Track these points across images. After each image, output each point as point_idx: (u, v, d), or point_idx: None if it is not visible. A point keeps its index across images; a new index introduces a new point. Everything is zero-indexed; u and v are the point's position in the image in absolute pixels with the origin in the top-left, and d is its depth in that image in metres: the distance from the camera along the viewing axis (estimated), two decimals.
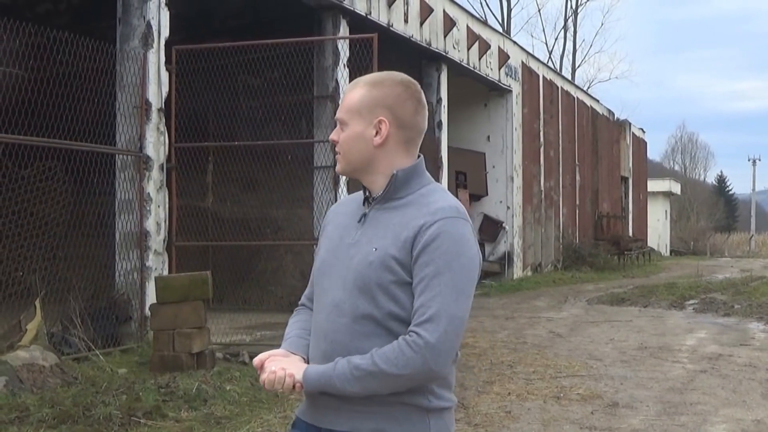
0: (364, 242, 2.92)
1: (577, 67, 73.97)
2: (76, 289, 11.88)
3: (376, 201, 2.98)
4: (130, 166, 12.74)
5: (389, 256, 2.84)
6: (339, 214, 3.12)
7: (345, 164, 3.03)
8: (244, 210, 18.99)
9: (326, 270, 2.99)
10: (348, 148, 2.99)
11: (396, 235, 2.87)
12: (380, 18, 18.75)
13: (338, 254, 2.97)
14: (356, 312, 2.86)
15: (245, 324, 14.70)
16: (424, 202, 2.93)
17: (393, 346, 2.78)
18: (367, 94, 2.98)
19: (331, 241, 3.04)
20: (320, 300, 2.99)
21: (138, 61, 12.78)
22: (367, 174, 3.01)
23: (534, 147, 31.11)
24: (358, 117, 2.97)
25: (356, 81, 3.05)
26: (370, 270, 2.85)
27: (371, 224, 2.95)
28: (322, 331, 2.92)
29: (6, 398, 8.57)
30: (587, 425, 8.50)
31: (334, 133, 3.03)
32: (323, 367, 2.83)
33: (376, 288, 2.84)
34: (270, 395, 9.44)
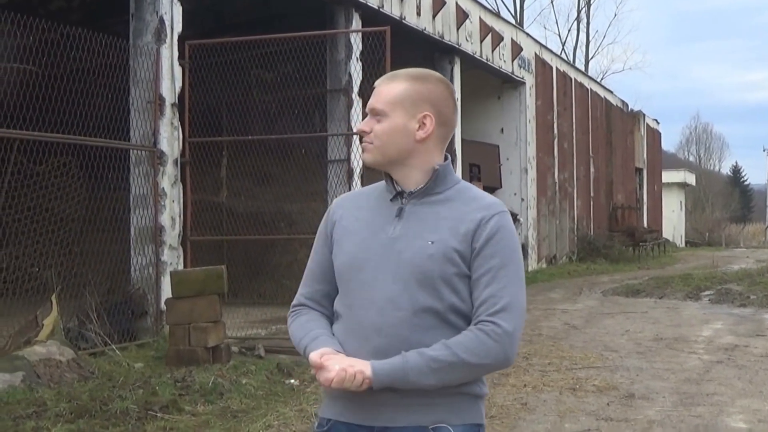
0: (411, 236, 2.88)
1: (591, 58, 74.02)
2: (92, 284, 11.92)
3: (413, 195, 2.95)
4: (144, 161, 12.78)
5: (451, 249, 2.84)
6: (354, 208, 3.06)
7: (378, 155, 2.98)
8: (259, 204, 19.00)
9: (363, 265, 2.91)
10: (387, 139, 2.95)
11: (453, 227, 2.87)
12: (393, 11, 18.74)
13: (376, 249, 2.91)
14: (416, 305, 2.82)
15: (260, 318, 14.72)
16: (468, 197, 2.98)
17: (470, 336, 2.80)
18: (411, 88, 2.96)
19: (358, 235, 2.97)
20: (359, 295, 2.91)
21: (151, 57, 12.81)
22: (402, 167, 2.98)
23: (548, 139, 31.06)
24: (400, 109, 2.94)
25: (394, 74, 3.02)
26: (431, 263, 2.83)
27: (412, 218, 2.92)
28: (374, 327, 2.84)
29: (23, 393, 8.62)
30: (603, 416, 8.49)
31: (365, 124, 2.99)
32: (392, 362, 2.77)
33: (438, 280, 2.83)
34: (285, 388, 9.47)
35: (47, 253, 12.86)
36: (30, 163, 12.86)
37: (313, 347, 2.88)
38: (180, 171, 13.18)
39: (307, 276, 3.14)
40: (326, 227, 3.09)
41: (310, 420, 8.04)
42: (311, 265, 3.13)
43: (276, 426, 7.83)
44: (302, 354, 2.96)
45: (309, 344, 2.91)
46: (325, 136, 16.86)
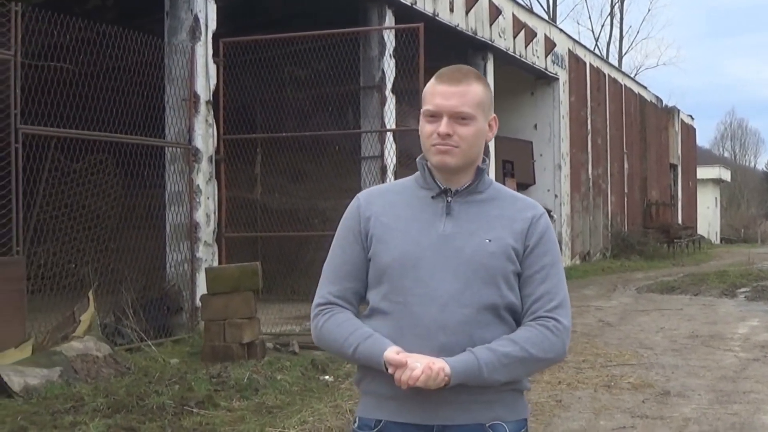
0: (465, 234, 2.89)
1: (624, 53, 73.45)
2: (128, 281, 12.01)
3: (459, 194, 2.96)
4: (179, 158, 12.86)
5: (509, 247, 2.89)
6: (387, 205, 3.01)
7: (462, 159, 2.94)
8: (292, 201, 19.05)
9: (416, 261, 2.87)
10: (472, 142, 2.93)
11: (507, 226, 2.92)
12: (426, 7, 18.73)
13: (429, 245, 2.88)
14: (480, 302, 2.84)
15: (294, 314, 14.76)
16: (510, 196, 3.04)
17: (535, 332, 2.86)
18: (487, 90, 3.00)
19: (405, 232, 2.93)
20: (415, 292, 2.86)
21: (186, 54, 12.88)
22: (468, 168, 2.99)
23: (581, 135, 30.93)
24: (482, 112, 2.95)
25: (464, 74, 2.98)
26: (493, 260, 2.86)
27: (462, 216, 2.93)
28: (437, 324, 2.81)
29: (61, 388, 8.70)
30: (639, 414, 8.46)
31: (448, 127, 2.90)
32: (465, 359, 2.76)
33: (500, 278, 2.86)
34: (320, 384, 9.50)
35: (84, 249, 12.96)
36: (67, 161, 12.97)
37: (372, 346, 2.83)
38: (215, 168, 13.25)
39: (333, 273, 3.06)
40: (358, 223, 3.01)
41: (344, 416, 8.06)
42: (338, 262, 3.05)
43: (311, 422, 7.85)
44: (347, 354, 2.91)
45: (362, 342, 2.86)
46: (359, 133, 16.88)
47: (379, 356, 2.80)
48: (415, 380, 2.70)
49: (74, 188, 13.83)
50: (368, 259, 2.99)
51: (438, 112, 2.92)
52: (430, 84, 2.99)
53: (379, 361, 2.80)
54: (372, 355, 2.82)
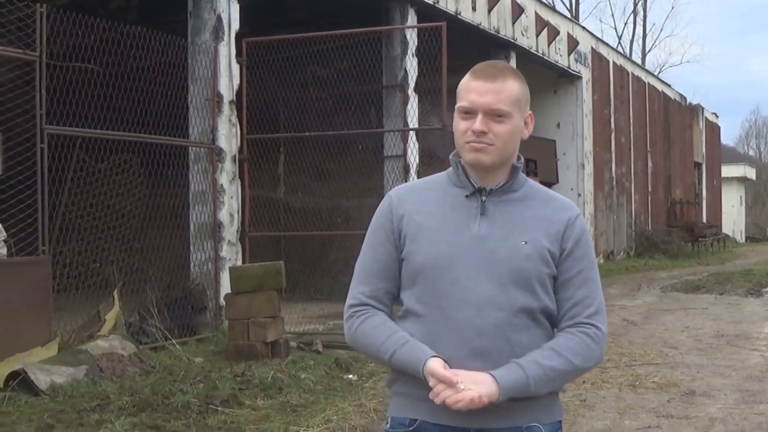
0: (501, 235, 2.83)
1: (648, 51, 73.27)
2: (152, 280, 12.06)
3: (493, 193, 2.88)
4: (203, 157, 12.90)
5: (544, 249, 2.83)
6: (420, 203, 2.94)
7: (497, 157, 2.85)
8: (315, 200, 19.09)
9: (451, 263, 2.80)
10: (507, 140, 2.85)
11: (543, 228, 2.86)
12: (448, 6, 18.71)
13: (463, 247, 2.81)
14: (515, 306, 2.77)
15: (318, 313, 14.78)
16: (545, 196, 2.98)
17: (577, 341, 2.83)
18: (523, 87, 2.92)
19: (439, 232, 2.85)
20: (451, 295, 2.79)
21: (209, 54, 12.93)
22: (503, 167, 2.91)
23: (605, 133, 30.83)
24: (518, 110, 2.87)
25: (498, 69, 2.90)
26: (528, 263, 2.80)
27: (498, 217, 2.86)
28: (473, 328, 2.75)
29: (87, 386, 8.75)
30: (664, 414, 8.43)
31: (483, 124, 2.81)
32: (515, 376, 2.71)
33: (535, 281, 2.81)
34: (344, 383, 9.52)
35: (109, 249, 13.04)
36: (92, 161, 13.05)
37: (410, 353, 2.77)
38: (238, 167, 13.29)
39: (365, 273, 2.98)
40: (390, 222, 2.94)
41: (368, 415, 8.08)
42: (370, 261, 2.98)
43: (335, 420, 7.87)
44: (383, 359, 2.85)
45: (399, 348, 2.79)
46: (382, 132, 16.89)
47: (418, 364, 2.73)
48: (456, 404, 2.64)
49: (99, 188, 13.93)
50: (401, 258, 2.92)
51: (473, 109, 2.84)
52: (465, 80, 2.90)
53: (417, 369, 2.73)
54: (409, 361, 2.76)
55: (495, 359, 2.74)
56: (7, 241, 10.21)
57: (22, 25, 10.07)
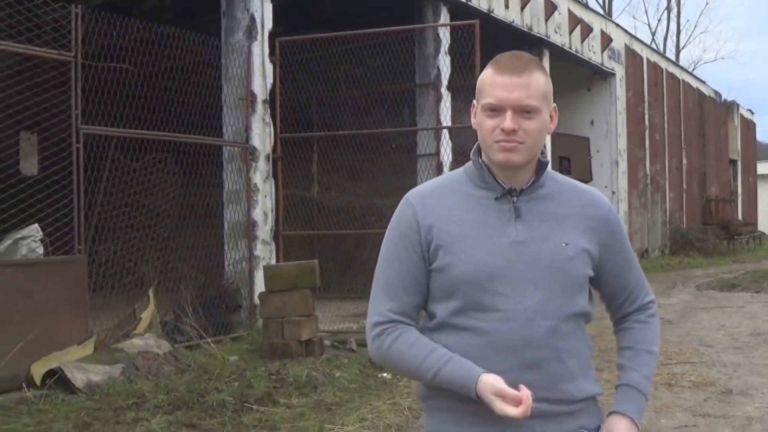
0: (540, 239, 2.70)
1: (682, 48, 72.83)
2: (187, 279, 12.12)
3: (524, 192, 2.74)
4: (237, 157, 12.94)
5: (585, 251, 2.75)
6: (446, 209, 2.75)
7: (529, 155, 2.72)
8: (349, 199, 19.11)
9: (493, 273, 2.65)
10: (538, 136, 2.71)
11: (580, 227, 2.76)
12: (481, 4, 18.67)
13: (504, 254, 2.66)
14: (563, 312, 2.69)
15: (351, 312, 14.78)
16: (572, 188, 2.88)
17: (652, 328, 2.92)
18: (548, 79, 2.75)
19: (475, 240, 2.68)
20: (496, 307, 2.64)
21: (243, 54, 12.96)
22: (531, 164, 2.77)
23: (639, 131, 30.66)
24: (546, 104, 2.72)
25: (524, 62, 2.73)
26: (573, 266, 2.71)
27: (532, 218, 2.73)
28: (522, 340, 2.63)
29: (123, 385, 8.80)
30: (700, 413, 8.36)
31: (513, 122, 2.65)
32: (637, 402, 2.79)
33: (579, 283, 2.74)
34: (378, 382, 9.51)
35: (144, 248, 13.11)
36: (127, 160, 13.13)
37: (457, 371, 2.62)
38: (272, 166, 13.32)
39: (390, 288, 2.78)
40: (416, 232, 2.74)
41: (403, 413, 8.08)
42: (395, 275, 2.78)
43: (370, 419, 7.87)
44: (425, 378, 2.69)
45: (443, 366, 2.64)
46: (415, 130, 16.87)
47: (469, 383, 2.58)
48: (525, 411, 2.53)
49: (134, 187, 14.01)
50: (430, 270, 2.73)
51: (500, 106, 2.66)
52: (488, 74, 2.73)
53: (468, 388, 2.59)
54: (458, 379, 2.62)
55: (544, 370, 2.66)
56: (43, 240, 10.28)
57: (58, 26, 10.14)
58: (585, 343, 2.81)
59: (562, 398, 2.70)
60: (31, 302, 9.26)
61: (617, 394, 2.86)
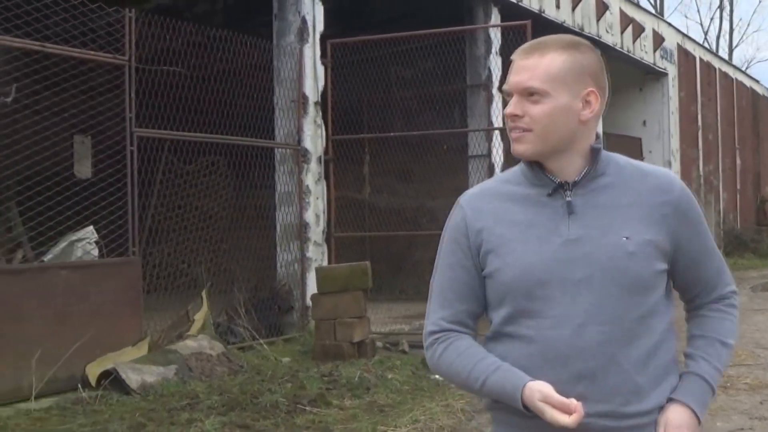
0: (596, 234, 2.48)
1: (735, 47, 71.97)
2: (239, 280, 12.19)
3: (578, 185, 2.52)
4: (289, 159, 12.98)
5: (651, 243, 2.50)
6: (496, 211, 2.59)
7: (539, 144, 2.50)
8: (400, 200, 19.10)
9: (543, 276, 2.48)
10: (548, 123, 2.47)
11: (643, 215, 2.51)
12: (532, 4, 18.58)
13: (556, 255, 2.48)
14: (622, 316, 2.47)
15: (403, 313, 14.79)
16: (635, 171, 2.61)
17: (730, 318, 2.71)
18: (571, 59, 2.51)
19: (525, 242, 2.51)
20: (547, 313, 2.48)
21: (294, 56, 13.01)
22: (563, 155, 2.53)
23: (691, 131, 30.34)
24: (563, 87, 2.48)
25: (540, 44, 2.55)
26: (634, 262, 2.47)
27: (588, 213, 2.51)
28: (573, 348, 2.45)
29: (177, 385, 8.87)
30: (757, 416, 8.26)
31: (516, 107, 2.51)
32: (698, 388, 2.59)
33: (644, 281, 2.49)
34: (431, 383, 9.49)
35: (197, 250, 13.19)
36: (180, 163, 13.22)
37: (503, 380, 2.49)
38: (324, 168, 13.35)
39: (443, 296, 2.67)
40: (466, 237, 2.61)
41: (456, 415, 8.06)
42: (448, 282, 2.66)
43: (423, 420, 7.86)
44: (474, 388, 2.57)
45: (490, 375, 2.51)
46: (466, 131, 16.84)
47: (515, 391, 2.45)
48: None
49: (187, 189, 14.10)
50: (483, 276, 2.60)
51: (509, 91, 2.55)
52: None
53: (513, 397, 2.45)
54: (504, 389, 2.49)
55: (600, 381, 2.46)
56: (98, 242, 10.39)
57: (112, 30, 10.24)
58: (661, 348, 2.57)
59: (624, 412, 2.48)
60: (87, 304, 9.36)
61: (680, 383, 2.62)
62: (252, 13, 15.62)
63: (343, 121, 14.48)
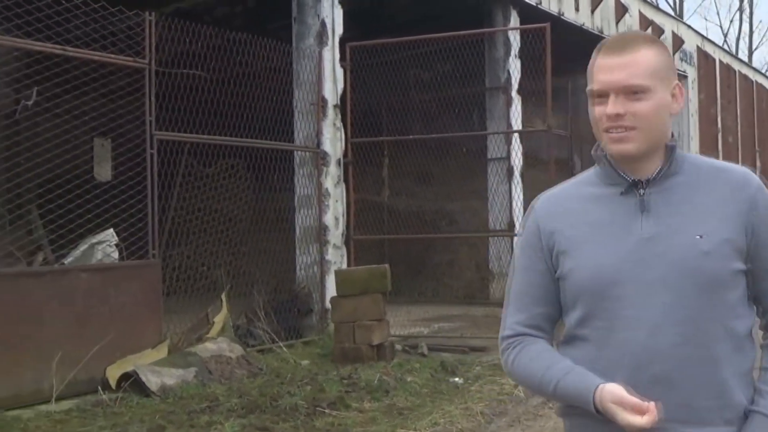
0: (670, 233, 2.42)
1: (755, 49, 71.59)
2: (259, 283, 12.20)
3: (652, 183, 2.48)
4: (308, 162, 12.99)
5: (727, 242, 2.42)
6: (568, 213, 2.56)
7: (646, 143, 2.45)
8: (419, 203, 19.09)
9: (616, 276, 2.43)
10: (653, 119, 2.44)
11: (721, 214, 2.44)
12: (551, 7, 18.54)
13: (629, 255, 2.44)
14: (698, 317, 2.39)
15: (422, 316, 14.77)
16: (711, 169, 2.54)
17: None
18: (660, 54, 2.48)
19: (598, 242, 2.48)
20: (619, 314, 2.43)
21: (313, 59, 13.01)
22: (654, 151, 2.50)
23: (711, 133, 30.21)
24: (659, 82, 2.45)
25: (627, 40, 2.49)
26: (709, 262, 2.39)
27: (662, 211, 2.46)
28: (648, 351, 2.39)
29: (196, 388, 8.89)
30: None
31: (617, 105, 2.43)
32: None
33: (719, 283, 2.41)
34: (450, 386, 9.48)
35: (216, 252, 13.22)
36: (200, 166, 13.26)
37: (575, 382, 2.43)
38: (343, 171, 13.35)
39: (519, 300, 2.64)
40: (539, 239, 2.59)
41: (475, 418, 8.04)
42: (523, 286, 2.64)
43: (442, 424, 7.84)
44: (547, 392, 2.52)
45: (562, 378, 2.46)
46: (485, 134, 16.83)
47: (587, 394, 2.38)
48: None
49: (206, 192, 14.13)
50: (557, 278, 2.57)
51: (604, 90, 2.45)
52: (593, 58, 2.53)
53: (586, 400, 2.38)
54: (576, 392, 2.43)
55: (677, 385, 2.39)
56: (118, 245, 10.43)
57: (132, 33, 10.27)
58: (740, 351, 2.46)
59: (703, 418, 2.41)
60: (107, 306, 9.40)
61: (745, 424, 2.47)
62: (271, 16, 15.65)
63: (362, 124, 14.49)
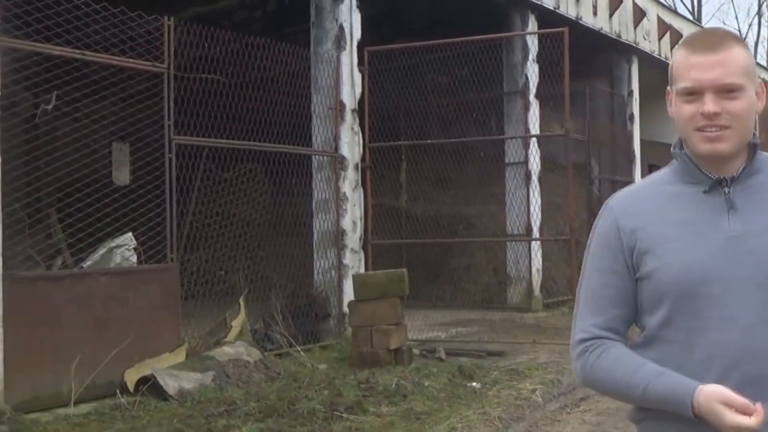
0: (759, 231, 2.38)
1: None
2: (276, 287, 12.20)
3: (737, 181, 2.44)
4: (326, 166, 13.01)
5: None
6: (648, 212, 2.51)
7: (737, 140, 2.42)
8: (437, 207, 19.08)
9: (705, 275, 2.37)
10: (747, 118, 2.41)
11: None
12: (569, 11, 18.52)
13: (717, 253, 2.38)
14: None
15: (440, 321, 14.75)
16: None
17: None
18: (747, 53, 2.46)
19: (684, 241, 2.41)
20: (709, 314, 2.37)
21: (332, 64, 13.03)
22: (742, 150, 2.46)
23: None
24: (750, 81, 2.43)
25: (718, 37, 2.45)
26: None
27: (748, 209, 2.42)
28: (743, 351, 2.33)
29: (214, 392, 8.90)
30: None
31: (715, 104, 2.39)
32: None
33: None
34: (467, 391, 9.46)
35: (234, 257, 13.23)
36: (218, 170, 13.28)
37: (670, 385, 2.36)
38: (361, 176, 13.36)
39: (594, 301, 2.57)
40: (618, 239, 2.52)
41: (493, 423, 8.02)
42: (598, 287, 2.57)
43: (459, 428, 7.82)
44: (634, 395, 2.44)
45: (653, 380, 2.39)
46: (503, 139, 16.82)
47: (685, 396, 2.31)
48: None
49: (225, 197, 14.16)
50: (637, 278, 2.50)
51: (698, 89, 2.40)
52: (681, 55, 2.48)
53: (683, 402, 2.31)
54: (671, 394, 2.35)
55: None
56: (136, 249, 10.46)
57: (151, 38, 10.31)
58: None
59: None
60: (125, 310, 9.42)
61: None
62: (290, 21, 15.69)
63: (379, 129, 14.52)
